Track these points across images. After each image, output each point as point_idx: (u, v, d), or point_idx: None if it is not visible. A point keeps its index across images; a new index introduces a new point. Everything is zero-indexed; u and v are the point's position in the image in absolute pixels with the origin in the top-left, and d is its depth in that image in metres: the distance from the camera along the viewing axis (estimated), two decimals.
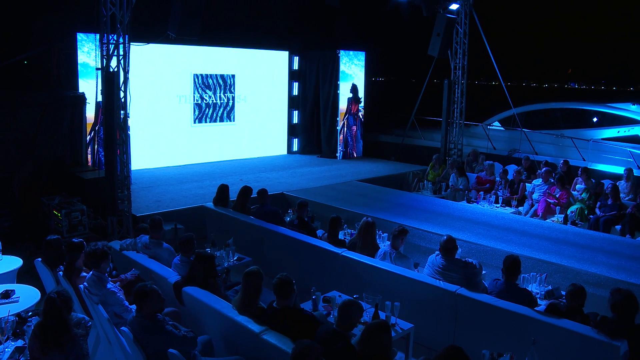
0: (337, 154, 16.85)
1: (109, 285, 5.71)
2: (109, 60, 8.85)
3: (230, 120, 16.16)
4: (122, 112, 9.11)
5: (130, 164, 12.28)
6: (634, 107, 16.29)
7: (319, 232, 9.02)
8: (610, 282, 7.36)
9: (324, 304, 6.28)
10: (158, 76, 14.24)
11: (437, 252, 6.69)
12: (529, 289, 6.93)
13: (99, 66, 9.01)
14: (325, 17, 17.80)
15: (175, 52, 14.36)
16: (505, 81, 15.53)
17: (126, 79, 9.07)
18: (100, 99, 9.36)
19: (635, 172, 13.54)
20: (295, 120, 17.65)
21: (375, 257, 7.27)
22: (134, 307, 5.28)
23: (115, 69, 8.92)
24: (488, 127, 18.16)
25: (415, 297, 6.56)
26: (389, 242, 7.55)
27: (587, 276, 7.58)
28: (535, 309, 5.91)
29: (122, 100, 9.08)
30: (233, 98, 16.15)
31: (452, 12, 14.78)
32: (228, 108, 16.07)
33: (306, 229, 8.45)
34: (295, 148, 17.71)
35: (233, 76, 16.07)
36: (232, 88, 16.07)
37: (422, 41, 15.29)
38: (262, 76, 16.78)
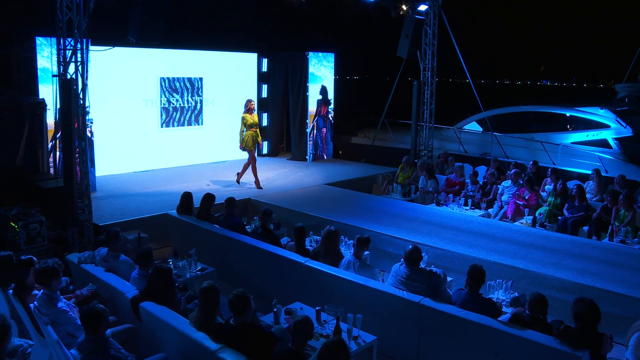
0: (307, 157, 16.71)
1: (60, 304, 5.50)
2: (66, 66, 8.58)
3: (198, 124, 15.93)
4: (80, 119, 8.85)
5: (95, 171, 12.14)
6: (602, 112, 16.36)
7: (285, 239, 8.88)
8: (577, 287, 7.34)
9: (286, 316, 6.13)
10: (123, 80, 13.96)
11: (401, 261, 6.58)
12: (495, 296, 6.89)
13: (57, 72, 8.74)
14: (294, 19, 17.63)
15: (141, 55, 14.09)
16: (478, 79, 15.51)
17: (85, 85, 8.80)
18: (60, 105, 9.08)
19: (604, 175, 13.63)
20: (265, 122, 17.45)
21: (339, 266, 7.15)
22: None
23: (73, 76, 8.66)
24: (460, 129, 18.16)
25: (379, 308, 6.45)
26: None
27: (554, 281, 7.55)
28: (500, 318, 5.83)
29: (81, 107, 8.81)
30: (201, 101, 15.92)
31: (420, 13, 14.73)
32: (196, 112, 15.84)
33: (270, 238, 8.29)
34: (264, 151, 17.52)
35: (201, 79, 15.84)
36: (199, 91, 15.84)
37: (393, 41, 15.23)
38: (231, 79, 16.57)
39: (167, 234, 10.02)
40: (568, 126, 17.07)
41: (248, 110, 12.90)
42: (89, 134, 11.77)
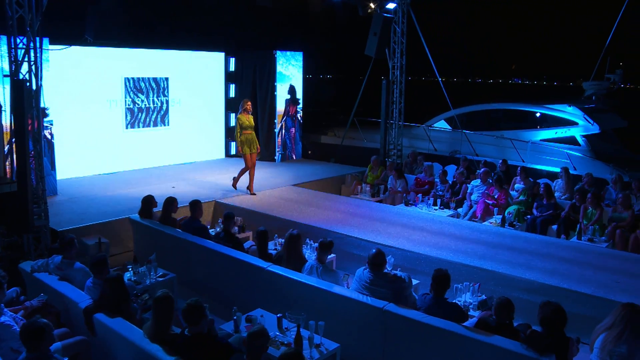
0: (276, 157, 16.47)
1: (3, 319, 5.21)
2: (18, 66, 8.24)
3: (164, 125, 15.58)
4: (36, 121, 8.52)
5: (56, 174, 11.77)
6: (570, 109, 16.41)
7: (249, 243, 8.67)
8: (545, 288, 7.27)
9: (247, 324, 5.92)
10: (87, 80, 13.55)
11: (365, 266, 6.40)
12: (463, 299, 6.76)
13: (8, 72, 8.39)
14: (262, 17, 17.41)
15: (105, 55, 13.69)
16: (450, 78, 15.49)
17: (39, 86, 8.47)
18: (12, 107, 8.73)
19: (572, 173, 13.64)
20: (233, 123, 17.15)
21: (302, 271, 6.95)
22: None
23: (26, 76, 8.32)
24: (430, 128, 18.09)
25: (343, 314, 6.27)
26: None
27: (522, 283, 7.45)
28: (466, 323, 5.69)
29: (35, 109, 8.48)
30: (167, 102, 15.57)
31: (389, 11, 14.60)
32: (162, 112, 15.49)
33: (233, 242, 8.06)
34: (233, 151, 17.21)
35: (167, 79, 15.48)
36: (165, 91, 15.49)
37: (362, 40, 15.08)
38: (197, 78, 16.25)
39: (129, 239, 9.73)
40: (541, 124, 17.11)
41: (244, 110, 11.87)
42: (48, 136, 11.43)
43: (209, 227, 9.23)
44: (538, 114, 17.20)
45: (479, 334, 5.28)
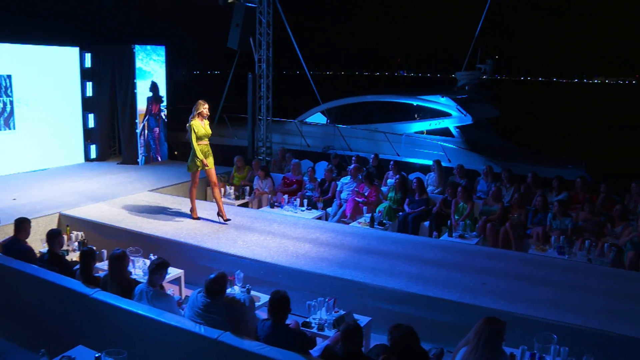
0: (139, 160, 15.17)
1: None
2: None
3: (9, 128, 13.86)
4: None
5: None
6: (443, 100, 16.25)
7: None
8: (408, 297, 6.70)
9: None
10: None
11: (199, 289, 5.48)
12: (318, 316, 6.01)
13: None
14: (119, 9, 16.03)
15: None
16: (336, 71, 14.90)
17: None
18: None
19: (446, 165, 13.39)
20: (91, 124, 15.66)
21: (133, 296, 5.93)
22: None
23: None
24: (303, 122, 17.40)
25: (174, 347, 5.32)
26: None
27: (384, 292, 6.81)
28: (313, 350, 4.93)
29: None
30: (11, 102, 13.87)
31: (252, 0, 13.72)
32: (5, 114, 13.79)
33: (59, 265, 6.88)
34: (93, 155, 15.73)
35: (9, 77, 13.76)
36: (8, 91, 13.78)
37: (227, 32, 14.14)
38: (48, 76, 14.58)
39: None
40: (416, 115, 16.86)
41: (198, 115, 9.38)
42: None
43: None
44: (415, 106, 16.94)
45: None
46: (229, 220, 9.39)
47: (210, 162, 9.60)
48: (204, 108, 9.40)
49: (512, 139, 18.64)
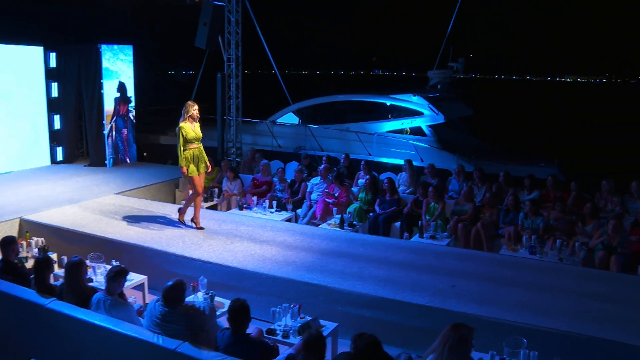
0: (107, 162, 14.82)
1: None
2: None
3: None
4: None
5: None
6: (415, 99, 16.11)
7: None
8: (376, 302, 6.55)
9: None
10: None
11: (157, 297, 5.26)
12: (283, 323, 5.82)
13: None
14: (85, 8, 15.66)
15: None
16: (312, 70, 14.72)
17: None
18: None
19: (418, 164, 13.27)
20: (58, 125, 15.26)
21: (90, 305, 5.68)
22: None
23: None
24: (274, 123, 17.17)
25: (131, 358, 5.11)
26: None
27: (352, 297, 6.65)
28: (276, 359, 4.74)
29: None
30: None
31: None
32: None
33: (14, 274, 6.59)
34: (59, 157, 15.34)
35: None
36: None
37: (196, 31, 13.87)
38: (10, 76, 14.16)
39: None
40: (389, 115, 16.71)
41: (189, 117, 8.83)
42: None
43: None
44: (389, 105, 16.79)
45: None
46: (202, 228, 9.11)
47: (202, 167, 9.00)
48: (194, 110, 8.88)
49: (485, 137, 18.59)
